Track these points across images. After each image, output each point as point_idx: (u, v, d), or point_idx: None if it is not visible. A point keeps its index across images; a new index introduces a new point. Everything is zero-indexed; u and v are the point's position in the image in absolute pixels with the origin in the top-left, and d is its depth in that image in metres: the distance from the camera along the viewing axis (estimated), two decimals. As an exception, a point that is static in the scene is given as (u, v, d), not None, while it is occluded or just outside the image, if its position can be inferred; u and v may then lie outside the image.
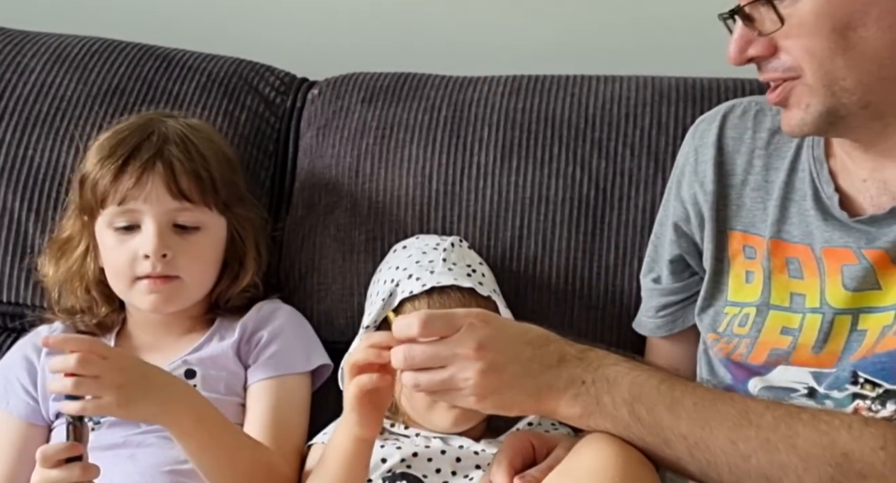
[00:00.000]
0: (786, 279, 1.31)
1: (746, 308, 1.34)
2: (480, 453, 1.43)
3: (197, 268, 1.51)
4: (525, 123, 1.67)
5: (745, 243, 1.35)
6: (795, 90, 1.22)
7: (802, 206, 1.31)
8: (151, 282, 1.48)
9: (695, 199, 1.39)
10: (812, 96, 1.20)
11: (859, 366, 1.22)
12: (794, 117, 1.23)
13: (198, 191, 1.50)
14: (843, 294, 1.25)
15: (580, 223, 1.62)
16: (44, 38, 1.79)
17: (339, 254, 1.66)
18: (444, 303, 1.42)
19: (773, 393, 1.28)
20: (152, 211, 1.48)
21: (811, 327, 1.28)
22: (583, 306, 1.61)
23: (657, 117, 1.66)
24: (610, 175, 1.63)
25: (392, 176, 1.67)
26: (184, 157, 1.50)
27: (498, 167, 1.65)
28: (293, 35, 2.02)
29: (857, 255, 1.25)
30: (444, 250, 1.50)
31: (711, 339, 1.37)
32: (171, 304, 1.51)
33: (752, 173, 1.36)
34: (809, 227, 1.30)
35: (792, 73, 1.21)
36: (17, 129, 1.69)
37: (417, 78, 1.75)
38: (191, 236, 1.51)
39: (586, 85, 1.70)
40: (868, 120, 1.22)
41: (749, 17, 1.21)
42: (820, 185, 1.30)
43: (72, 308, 1.58)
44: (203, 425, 1.36)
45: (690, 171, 1.41)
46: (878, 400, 1.20)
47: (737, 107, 1.41)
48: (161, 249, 1.47)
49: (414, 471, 1.41)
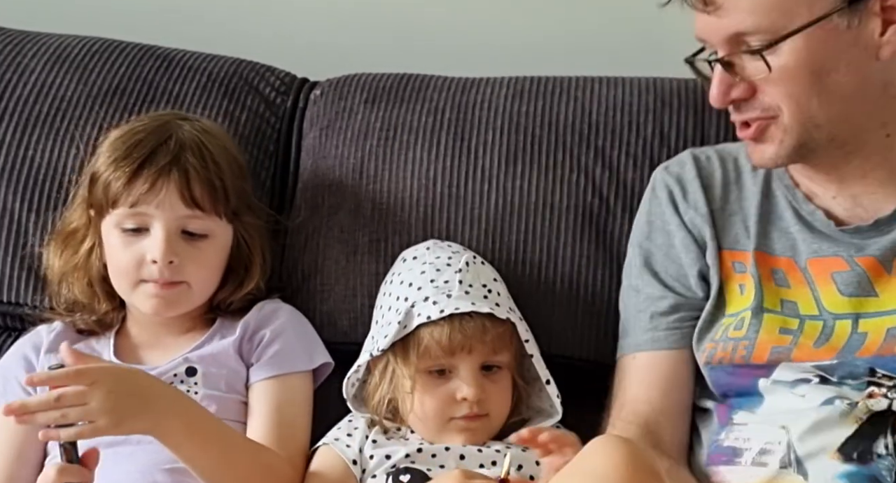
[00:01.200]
0: (774, 287, 1.39)
1: (742, 313, 1.39)
2: (484, 451, 1.44)
3: (202, 274, 1.52)
4: (529, 128, 1.67)
5: (733, 259, 1.43)
6: (771, 127, 1.34)
7: (781, 225, 1.42)
8: (156, 286, 1.49)
9: (694, 222, 1.46)
10: (786, 133, 1.34)
11: (877, 363, 1.30)
12: (768, 151, 1.36)
13: (210, 200, 1.50)
14: (841, 300, 1.34)
15: (584, 232, 1.63)
16: (44, 38, 1.79)
17: (343, 255, 1.66)
18: (465, 331, 1.43)
19: (785, 386, 1.34)
20: (163, 216, 1.48)
21: (812, 330, 1.35)
22: (586, 313, 1.61)
23: (659, 126, 1.67)
24: (613, 186, 1.64)
25: (396, 178, 1.67)
26: (199, 166, 1.50)
27: (503, 172, 1.65)
28: (293, 35, 2.03)
29: (848, 263, 1.35)
30: (460, 271, 1.49)
31: (710, 348, 1.41)
32: (173, 308, 1.52)
33: (729, 201, 1.47)
34: (792, 241, 1.40)
35: (770, 112, 1.34)
36: (17, 129, 1.69)
37: (419, 79, 1.75)
38: (198, 243, 1.51)
39: (589, 88, 1.71)
40: (833, 149, 1.36)
41: (729, 63, 1.33)
42: (798, 206, 1.42)
43: (72, 302, 1.58)
44: (196, 431, 1.37)
45: (681, 199, 1.48)
46: (893, 389, 1.28)
47: (699, 154, 1.52)
48: (169, 256, 1.47)
49: (418, 465, 1.42)
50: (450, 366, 1.45)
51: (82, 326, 1.58)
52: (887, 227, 1.37)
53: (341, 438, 1.47)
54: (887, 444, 1.27)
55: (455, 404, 1.44)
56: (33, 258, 1.64)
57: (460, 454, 1.43)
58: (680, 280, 1.47)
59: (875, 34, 1.31)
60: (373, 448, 1.44)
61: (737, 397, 1.39)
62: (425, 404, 1.44)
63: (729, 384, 1.40)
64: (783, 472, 1.29)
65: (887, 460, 1.26)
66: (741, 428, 1.37)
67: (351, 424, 1.49)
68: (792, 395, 1.34)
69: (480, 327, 1.43)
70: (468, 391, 1.42)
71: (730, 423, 1.38)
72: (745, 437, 1.35)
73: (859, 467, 1.26)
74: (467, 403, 1.43)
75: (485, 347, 1.44)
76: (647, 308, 1.48)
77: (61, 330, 1.57)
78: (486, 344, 1.44)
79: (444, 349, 1.43)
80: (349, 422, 1.50)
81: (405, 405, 1.46)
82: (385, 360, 1.48)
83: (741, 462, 1.34)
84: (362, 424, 1.48)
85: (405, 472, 1.41)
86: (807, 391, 1.33)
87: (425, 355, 1.44)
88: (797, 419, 1.31)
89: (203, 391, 1.48)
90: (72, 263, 1.56)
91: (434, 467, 1.41)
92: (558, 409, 1.47)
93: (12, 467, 1.49)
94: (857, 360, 1.31)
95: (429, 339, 1.43)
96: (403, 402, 1.46)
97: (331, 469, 1.45)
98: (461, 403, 1.43)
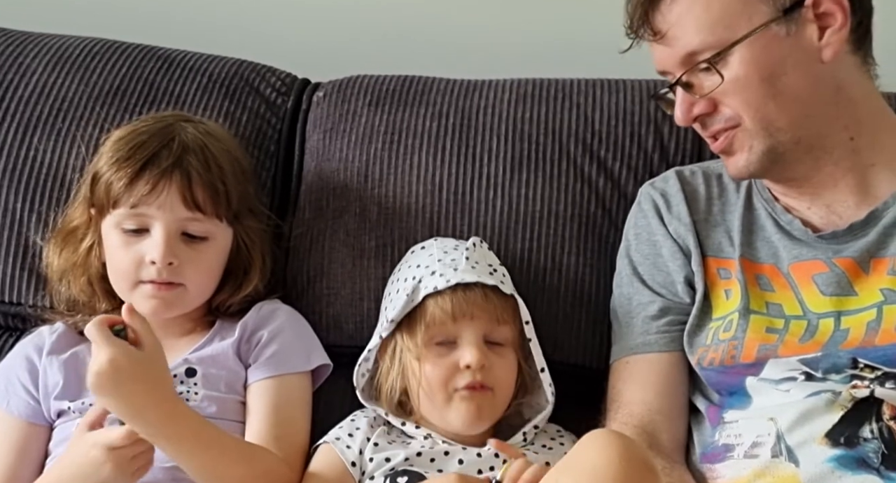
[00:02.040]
0: (759, 291, 1.44)
1: (729, 316, 1.43)
2: (483, 456, 1.45)
3: (201, 277, 1.52)
4: (532, 135, 1.69)
5: (718, 266, 1.49)
6: (738, 136, 1.43)
7: (764, 234, 1.49)
8: (154, 287, 1.49)
9: (678, 232, 1.51)
10: (752, 139, 1.42)
11: (859, 353, 1.35)
12: (740, 160, 1.44)
13: (211, 203, 1.51)
14: (822, 299, 1.40)
15: (587, 241, 1.65)
16: (45, 39, 1.78)
17: (349, 258, 1.67)
18: (469, 298, 1.45)
19: (771, 385, 1.37)
20: (164, 218, 1.48)
21: (798, 328, 1.39)
22: (589, 320, 1.63)
23: (659, 138, 1.69)
24: (615, 198, 1.67)
25: (402, 183, 1.68)
26: (202, 169, 1.50)
27: (507, 179, 1.67)
28: (294, 35, 2.03)
29: (828, 265, 1.41)
30: (467, 249, 1.52)
31: (701, 352, 1.44)
32: (171, 309, 1.52)
33: (712, 214, 1.54)
34: (774, 249, 1.47)
35: (732, 122, 1.42)
36: (18, 129, 1.69)
37: (422, 81, 1.76)
38: (198, 245, 1.51)
39: (591, 93, 1.72)
40: (802, 154, 1.43)
41: (688, 83, 1.43)
42: (777, 217, 1.49)
43: (73, 301, 1.58)
44: (191, 436, 1.37)
45: (665, 211, 1.54)
46: (876, 381, 1.33)
47: (683, 170, 1.60)
48: (168, 257, 1.48)
49: (416, 468, 1.43)
50: (454, 335, 1.46)
51: (83, 327, 1.58)
52: (861, 231, 1.42)
53: (342, 438, 1.48)
54: (872, 429, 1.30)
55: (459, 373, 1.45)
56: (34, 258, 1.64)
57: (459, 459, 1.44)
58: (667, 287, 1.51)
59: (814, 39, 1.40)
60: (373, 451, 1.45)
61: (727, 396, 1.43)
62: (430, 376, 1.45)
63: (720, 382, 1.43)
64: (775, 461, 1.32)
65: (873, 443, 1.29)
66: (732, 425, 1.40)
67: (353, 424, 1.50)
68: (777, 391, 1.37)
69: (483, 295, 1.46)
70: (470, 357, 1.44)
71: (721, 423, 1.41)
72: (736, 434, 1.38)
73: (847, 451, 1.29)
74: (470, 371, 1.44)
75: (488, 316, 1.46)
76: (638, 313, 1.51)
77: (63, 331, 1.58)
78: (488, 312, 1.46)
79: (447, 315, 1.44)
80: (351, 421, 1.51)
81: (413, 386, 1.46)
82: (392, 343, 1.49)
83: (733, 456, 1.37)
84: (364, 425, 1.49)
85: (403, 475, 1.41)
86: (791, 387, 1.36)
87: (430, 325, 1.45)
88: (784, 411, 1.34)
89: (203, 392, 1.48)
90: (71, 261, 1.56)
91: (432, 471, 1.42)
92: (549, 399, 1.49)
93: (13, 467, 1.49)
94: (841, 351, 1.35)
95: (433, 308, 1.45)
96: (411, 384, 1.47)
97: (329, 470, 1.45)
98: (464, 372, 1.44)
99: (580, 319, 1.63)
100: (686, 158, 1.67)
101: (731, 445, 1.38)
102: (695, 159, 1.66)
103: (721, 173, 1.55)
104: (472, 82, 1.76)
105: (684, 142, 1.68)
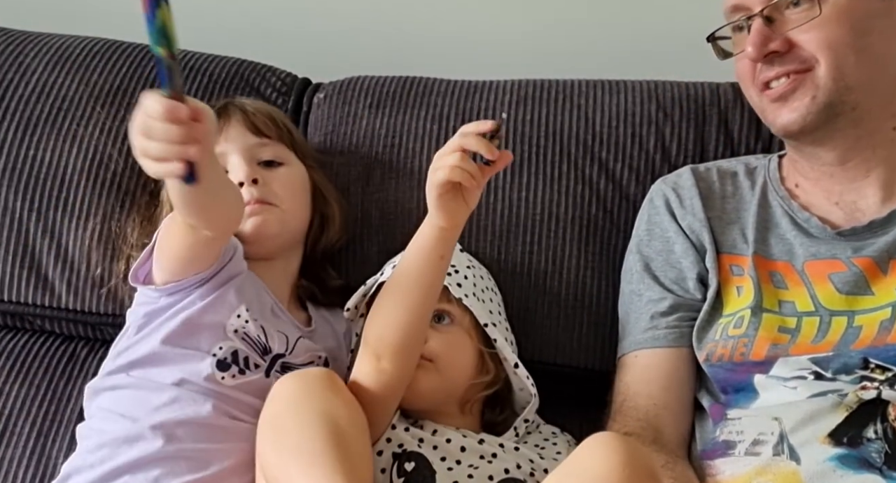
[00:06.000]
0: (772, 288, 1.43)
1: (740, 312, 1.43)
2: (483, 444, 1.43)
3: (289, 196, 1.56)
4: (533, 137, 1.68)
5: (731, 263, 1.48)
6: (805, 82, 1.41)
7: (778, 232, 1.48)
8: (251, 206, 1.52)
9: (692, 228, 1.51)
10: (818, 89, 1.40)
11: (870, 353, 1.35)
12: (801, 107, 1.41)
13: (274, 128, 1.59)
14: (838, 297, 1.39)
15: (589, 243, 1.64)
16: (45, 38, 1.78)
17: (353, 264, 1.66)
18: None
19: (780, 382, 1.37)
20: (236, 147, 1.55)
21: (810, 327, 1.39)
22: (591, 323, 1.63)
23: (661, 139, 1.68)
24: (616, 199, 1.66)
25: (403, 187, 1.68)
26: (252, 105, 1.62)
27: (508, 182, 1.66)
28: (294, 35, 2.03)
29: (846, 264, 1.40)
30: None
31: (710, 347, 1.44)
32: (272, 226, 1.53)
33: (727, 211, 1.53)
34: (789, 246, 1.46)
35: (806, 64, 1.40)
36: (18, 129, 1.69)
37: (422, 83, 1.76)
38: (277, 169, 1.57)
39: (591, 94, 1.72)
40: (850, 125, 1.42)
41: (769, 18, 1.41)
42: (793, 214, 1.48)
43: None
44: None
45: (678, 207, 1.53)
46: (885, 382, 1.33)
47: (698, 167, 1.59)
48: (251, 174, 1.53)
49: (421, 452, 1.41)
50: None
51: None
52: (881, 229, 1.42)
53: None
54: (877, 430, 1.30)
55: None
56: (34, 257, 1.64)
57: (461, 446, 1.42)
58: (679, 283, 1.51)
59: None
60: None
61: (733, 393, 1.43)
62: None
63: (726, 379, 1.43)
64: (776, 459, 1.32)
65: (877, 443, 1.29)
66: (735, 422, 1.40)
67: None
68: (785, 388, 1.37)
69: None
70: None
71: (724, 419, 1.42)
72: (738, 431, 1.39)
73: (849, 450, 1.29)
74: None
75: None
76: (648, 309, 1.51)
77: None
78: None
79: None
80: None
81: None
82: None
83: (734, 453, 1.37)
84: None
85: (409, 458, 1.40)
86: (799, 385, 1.36)
87: None
88: (789, 411, 1.35)
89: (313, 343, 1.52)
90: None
91: (435, 459, 1.40)
92: (532, 392, 1.48)
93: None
94: (852, 351, 1.35)
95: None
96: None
97: None
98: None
99: (581, 322, 1.63)
100: (688, 159, 1.66)
101: (732, 442, 1.38)
102: (697, 160, 1.66)
103: (736, 171, 1.55)
104: (473, 83, 1.75)
105: (686, 143, 1.68)
